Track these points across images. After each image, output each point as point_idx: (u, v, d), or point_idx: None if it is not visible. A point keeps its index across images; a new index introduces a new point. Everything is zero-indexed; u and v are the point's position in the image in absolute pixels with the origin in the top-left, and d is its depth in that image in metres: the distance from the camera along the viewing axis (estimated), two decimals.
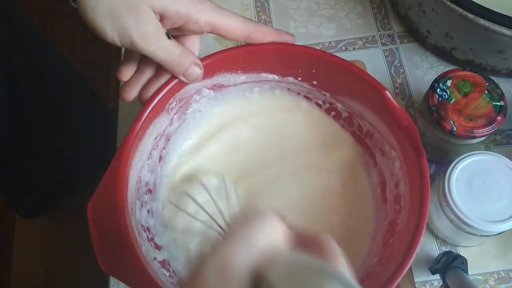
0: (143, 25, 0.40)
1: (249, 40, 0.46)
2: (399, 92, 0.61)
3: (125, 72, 0.45)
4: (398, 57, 0.63)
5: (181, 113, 0.50)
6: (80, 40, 1.45)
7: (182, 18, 0.41)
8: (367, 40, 0.65)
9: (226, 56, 0.47)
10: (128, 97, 0.45)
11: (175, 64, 0.43)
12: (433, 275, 0.50)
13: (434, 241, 0.53)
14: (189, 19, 0.42)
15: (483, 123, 0.48)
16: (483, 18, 0.51)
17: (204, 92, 0.49)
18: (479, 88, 0.49)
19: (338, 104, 0.51)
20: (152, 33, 0.40)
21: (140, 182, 0.46)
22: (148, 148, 0.47)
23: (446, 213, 0.47)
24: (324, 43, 0.65)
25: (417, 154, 0.42)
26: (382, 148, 0.48)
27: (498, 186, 0.46)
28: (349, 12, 0.67)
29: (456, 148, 0.51)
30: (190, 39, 0.45)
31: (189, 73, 0.44)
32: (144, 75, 0.45)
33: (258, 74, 0.50)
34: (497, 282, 0.51)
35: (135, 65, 0.45)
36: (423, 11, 0.58)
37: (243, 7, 0.67)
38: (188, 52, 0.44)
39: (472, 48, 0.57)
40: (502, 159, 0.47)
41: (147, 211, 0.47)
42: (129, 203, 0.43)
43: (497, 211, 0.45)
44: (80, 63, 1.37)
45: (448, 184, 0.46)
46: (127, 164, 0.43)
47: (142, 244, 0.43)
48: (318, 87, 0.50)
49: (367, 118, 0.49)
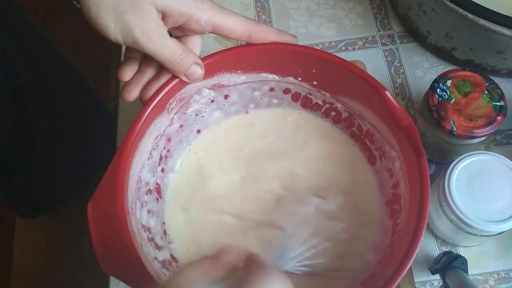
0: (146, 22, 0.40)
1: (251, 40, 0.46)
2: (399, 92, 0.61)
3: (126, 72, 0.45)
4: (398, 57, 0.63)
5: (181, 113, 0.50)
6: (80, 40, 1.44)
7: (183, 17, 0.42)
8: (367, 40, 0.65)
9: (226, 56, 0.47)
10: (129, 97, 0.45)
11: (177, 63, 0.43)
12: (433, 275, 0.50)
13: (434, 241, 0.53)
14: (190, 18, 0.42)
15: (483, 123, 0.48)
16: (483, 18, 0.51)
17: (204, 92, 0.49)
18: (479, 88, 0.49)
19: (338, 104, 0.51)
20: (154, 30, 0.40)
21: (140, 182, 0.46)
22: (148, 148, 0.47)
23: (446, 213, 0.47)
24: (324, 43, 0.65)
25: (417, 154, 0.42)
26: (382, 148, 0.48)
27: (498, 186, 0.46)
28: (349, 12, 0.67)
29: (456, 148, 0.51)
30: (192, 39, 0.45)
31: (190, 73, 0.44)
32: (145, 75, 0.45)
33: (258, 74, 0.50)
34: (497, 282, 0.51)
35: (136, 65, 0.45)
36: (423, 11, 0.58)
37: (243, 7, 0.67)
38: (189, 52, 0.44)
39: (472, 48, 0.57)
40: (502, 159, 0.47)
41: (147, 211, 0.47)
42: (129, 203, 0.43)
43: (497, 211, 0.45)
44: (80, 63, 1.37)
45: (448, 184, 0.46)
46: (127, 164, 0.43)
47: (142, 244, 0.42)
48: (318, 87, 0.50)
49: (367, 118, 0.49)
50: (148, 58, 0.44)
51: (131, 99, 0.45)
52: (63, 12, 1.50)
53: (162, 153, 0.50)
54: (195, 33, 0.44)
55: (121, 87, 0.63)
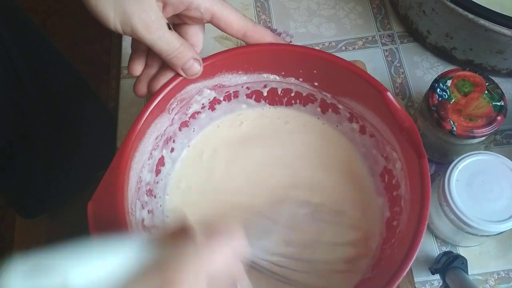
0: (145, 12, 0.40)
1: (245, 39, 0.46)
2: (399, 92, 0.61)
3: (136, 66, 0.45)
4: (398, 57, 0.63)
5: (182, 113, 0.50)
6: (80, 40, 1.45)
7: (183, 4, 0.42)
8: (367, 40, 0.65)
9: (227, 57, 0.47)
10: (142, 93, 0.46)
11: (174, 56, 0.43)
12: (433, 275, 0.50)
13: (434, 241, 0.53)
14: (190, 5, 0.42)
15: (483, 123, 0.48)
16: (483, 18, 0.51)
17: (205, 92, 0.49)
18: (479, 88, 0.49)
19: (339, 105, 0.51)
20: (153, 21, 0.40)
21: (140, 182, 0.46)
22: (148, 148, 0.47)
23: (446, 213, 0.47)
24: (324, 43, 0.65)
25: (418, 155, 0.41)
26: (384, 149, 0.48)
27: (498, 186, 0.46)
28: (349, 12, 0.67)
29: (456, 148, 0.51)
30: (192, 29, 0.45)
31: (187, 67, 0.44)
32: (153, 69, 0.46)
33: (259, 74, 0.50)
34: (497, 282, 0.51)
35: (144, 58, 0.46)
36: (423, 11, 0.59)
37: (243, 6, 0.67)
38: (189, 47, 0.44)
39: (472, 48, 0.57)
40: (502, 159, 0.47)
41: (148, 211, 0.47)
42: (129, 203, 0.43)
43: (497, 211, 0.45)
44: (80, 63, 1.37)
45: (448, 184, 0.46)
46: (127, 164, 0.43)
47: None
48: (319, 88, 0.50)
49: (368, 119, 0.49)
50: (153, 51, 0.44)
51: (144, 95, 0.46)
52: (63, 12, 1.50)
53: (163, 153, 0.50)
54: (194, 21, 0.44)
55: (121, 86, 0.64)
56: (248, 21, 0.45)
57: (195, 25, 0.45)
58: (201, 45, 0.46)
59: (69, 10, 1.50)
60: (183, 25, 0.45)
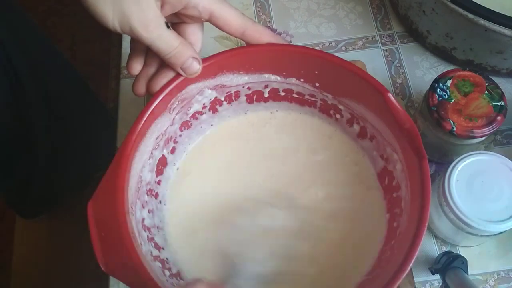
0: (144, 11, 0.40)
1: (244, 38, 0.45)
2: (399, 92, 0.61)
3: (135, 65, 0.45)
4: (398, 57, 0.63)
5: (183, 113, 0.50)
6: (80, 40, 1.45)
7: (181, 2, 0.41)
8: (367, 40, 0.65)
9: (228, 57, 0.47)
10: (140, 93, 0.45)
11: (172, 55, 0.43)
12: (433, 275, 0.50)
13: (434, 241, 0.53)
14: (188, 3, 0.42)
15: (483, 123, 0.48)
16: (483, 18, 0.51)
17: (206, 92, 0.49)
18: (479, 88, 0.49)
19: (340, 106, 0.51)
20: (151, 20, 0.40)
21: (140, 182, 0.46)
22: (149, 148, 0.47)
23: (446, 213, 0.47)
24: (324, 43, 0.65)
25: (419, 157, 0.41)
26: (384, 150, 0.48)
27: (498, 186, 0.46)
28: (349, 12, 0.67)
29: (456, 148, 0.51)
30: (191, 27, 0.45)
31: (186, 66, 0.44)
32: (152, 68, 0.45)
33: (260, 75, 0.50)
34: (497, 282, 0.51)
35: (142, 57, 0.45)
36: (423, 11, 0.59)
37: (243, 6, 0.67)
38: (187, 46, 0.44)
39: (472, 48, 0.57)
40: (502, 159, 0.47)
41: (148, 211, 0.47)
42: (129, 203, 0.43)
43: (497, 211, 0.45)
44: (80, 63, 1.37)
45: (448, 184, 0.46)
46: (128, 164, 0.43)
47: (142, 244, 0.42)
48: (320, 89, 0.50)
49: (369, 120, 0.49)
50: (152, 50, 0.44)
51: (143, 94, 0.46)
52: (63, 12, 1.50)
53: (163, 153, 0.50)
54: (193, 20, 0.44)
55: (121, 86, 0.64)
56: (247, 20, 0.45)
57: (194, 24, 0.45)
58: (200, 44, 0.46)
59: (69, 10, 1.50)
60: (182, 24, 0.45)
